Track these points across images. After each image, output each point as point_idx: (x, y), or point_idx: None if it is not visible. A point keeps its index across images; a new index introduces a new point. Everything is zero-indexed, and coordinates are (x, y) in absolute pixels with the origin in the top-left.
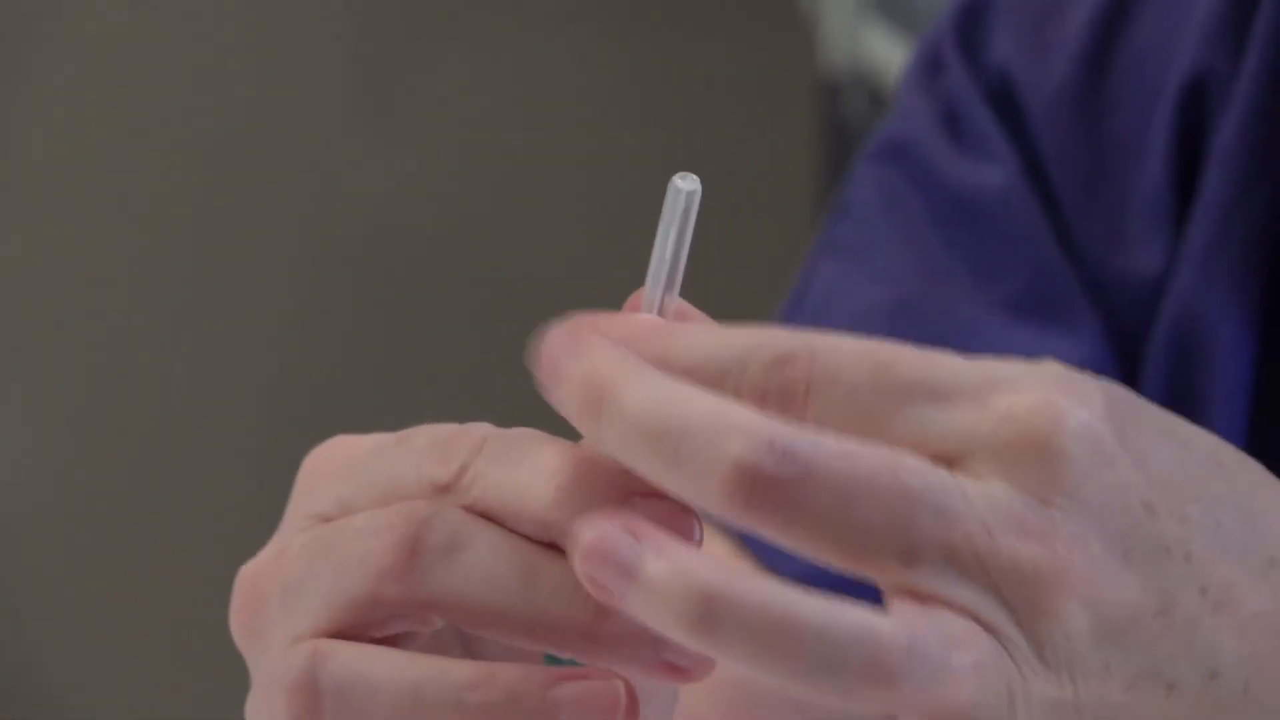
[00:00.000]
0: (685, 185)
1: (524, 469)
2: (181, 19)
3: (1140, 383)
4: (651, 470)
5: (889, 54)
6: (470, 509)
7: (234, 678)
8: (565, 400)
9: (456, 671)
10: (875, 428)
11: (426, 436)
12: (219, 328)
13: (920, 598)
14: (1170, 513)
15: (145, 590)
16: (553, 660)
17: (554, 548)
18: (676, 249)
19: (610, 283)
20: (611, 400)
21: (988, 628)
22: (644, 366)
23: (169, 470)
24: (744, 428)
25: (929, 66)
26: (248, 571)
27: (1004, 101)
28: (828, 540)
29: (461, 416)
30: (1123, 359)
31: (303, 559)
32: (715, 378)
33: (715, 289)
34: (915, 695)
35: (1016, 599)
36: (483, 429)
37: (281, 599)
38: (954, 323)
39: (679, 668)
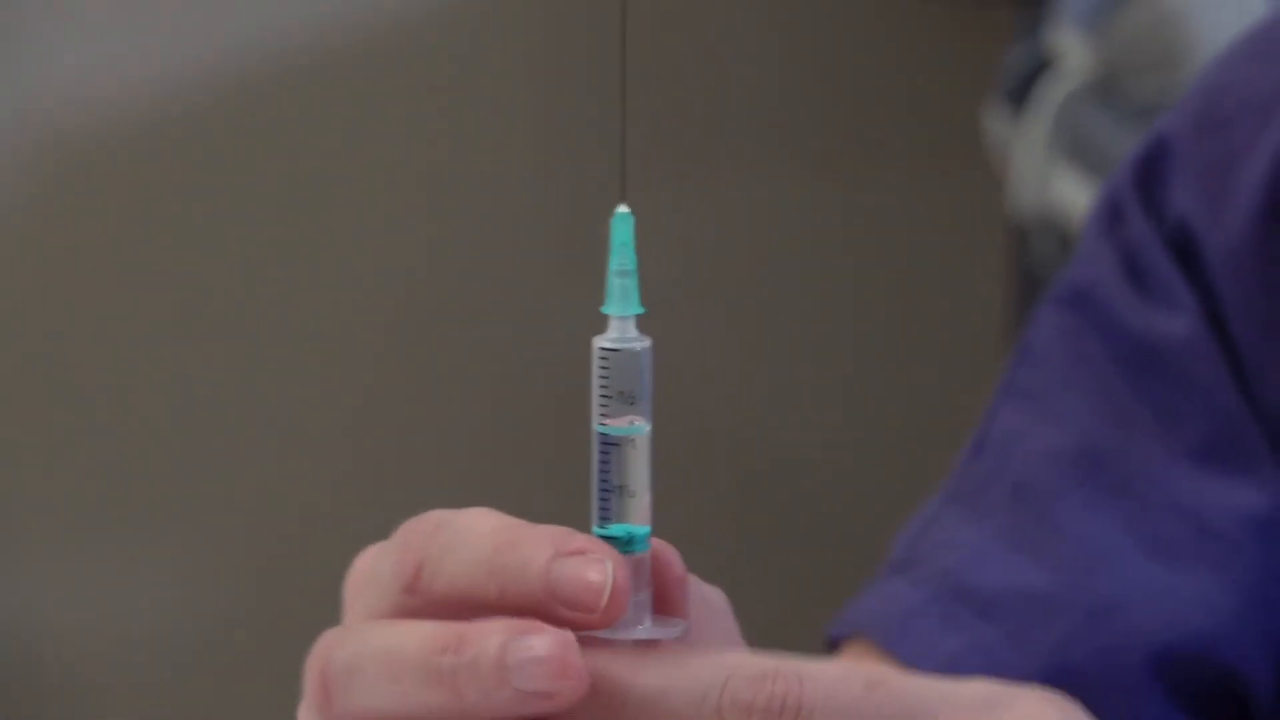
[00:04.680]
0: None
1: (471, 558)
2: (382, 152)
3: None
4: None
5: (1078, 198)
6: (436, 602)
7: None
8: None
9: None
10: None
11: (398, 538)
12: (420, 475)
13: None
14: None
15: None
16: None
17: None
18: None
19: (814, 419)
20: None
21: None
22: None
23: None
24: None
25: (1110, 214)
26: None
27: (1184, 250)
28: None
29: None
30: None
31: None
32: (696, 698)
33: (901, 432)
34: None
35: None
36: (435, 516)
37: None
38: (1136, 470)
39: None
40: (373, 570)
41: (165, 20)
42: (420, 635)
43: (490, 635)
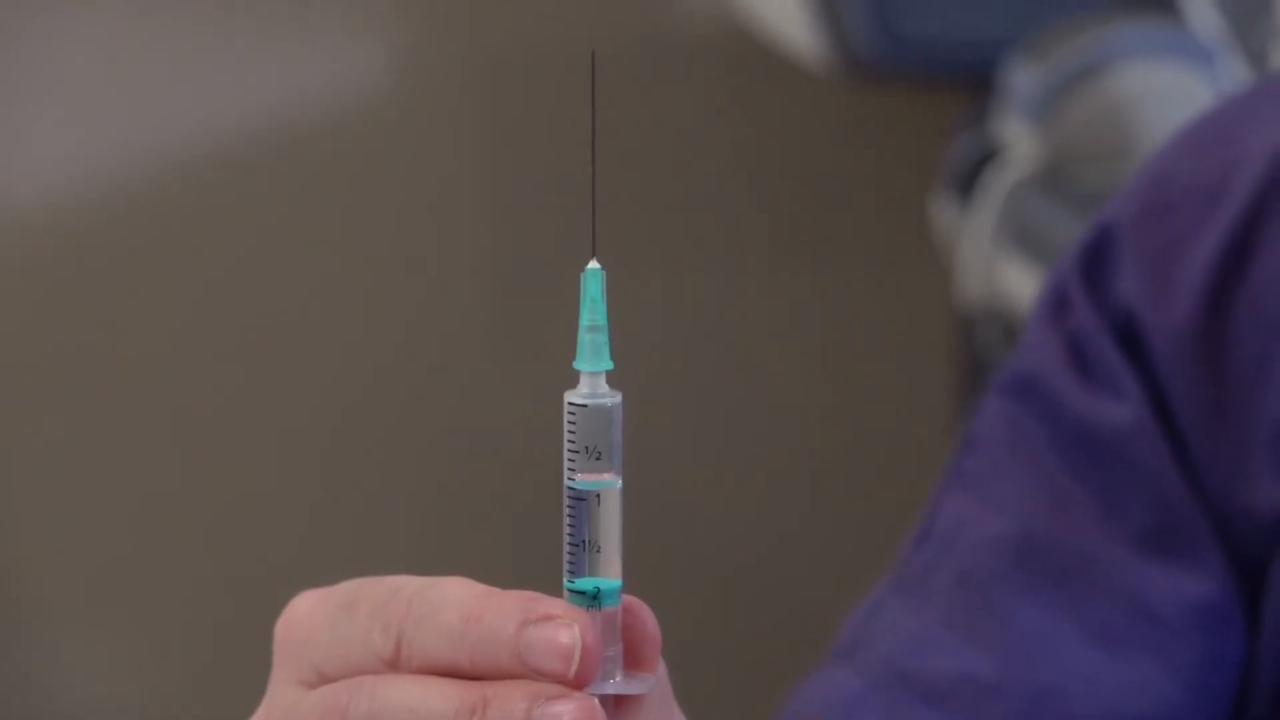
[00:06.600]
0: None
1: (443, 630)
2: (334, 247)
3: (1262, 615)
4: None
5: (1025, 288)
6: (414, 671)
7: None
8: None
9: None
10: None
11: (367, 605)
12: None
13: None
14: None
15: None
16: None
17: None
18: None
19: (762, 502)
20: None
21: None
22: None
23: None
24: None
25: (1055, 303)
26: None
27: (1128, 338)
28: None
29: None
30: (1246, 593)
31: None
32: None
33: (849, 520)
34: None
35: None
36: (410, 589)
37: None
38: (1079, 557)
39: None
40: (330, 629)
41: (153, 89)
42: (444, 694)
43: (515, 699)
